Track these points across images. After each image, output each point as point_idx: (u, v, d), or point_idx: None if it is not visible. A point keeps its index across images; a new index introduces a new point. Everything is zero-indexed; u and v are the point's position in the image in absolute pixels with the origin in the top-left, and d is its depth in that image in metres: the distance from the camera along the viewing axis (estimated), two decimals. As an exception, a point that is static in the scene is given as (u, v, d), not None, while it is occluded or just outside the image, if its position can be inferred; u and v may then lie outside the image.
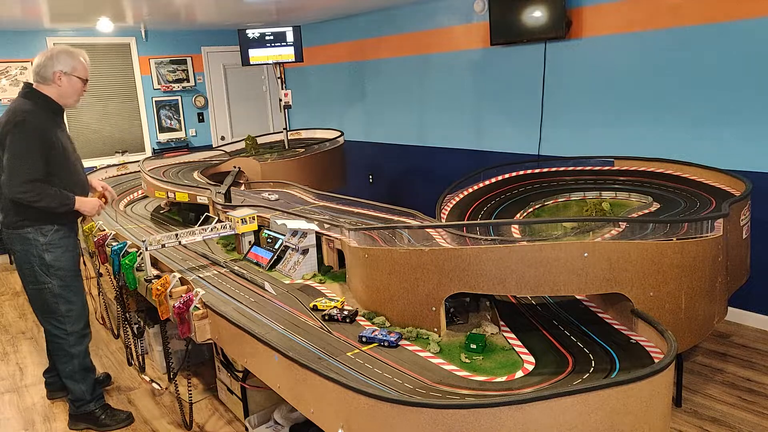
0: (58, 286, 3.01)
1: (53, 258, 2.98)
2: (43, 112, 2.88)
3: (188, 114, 7.78)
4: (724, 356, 3.61)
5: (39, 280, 2.99)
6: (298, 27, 5.96)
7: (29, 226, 2.93)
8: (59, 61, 2.90)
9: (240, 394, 3.07)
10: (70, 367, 3.13)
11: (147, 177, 4.28)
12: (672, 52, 4.18)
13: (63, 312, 3.06)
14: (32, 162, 2.77)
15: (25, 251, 2.96)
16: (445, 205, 3.48)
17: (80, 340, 3.14)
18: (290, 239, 2.96)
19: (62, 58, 2.90)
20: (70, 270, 3.06)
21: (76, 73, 2.94)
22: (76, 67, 2.94)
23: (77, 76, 2.95)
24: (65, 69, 2.91)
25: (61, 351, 3.12)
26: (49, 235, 2.96)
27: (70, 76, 2.93)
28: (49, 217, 2.93)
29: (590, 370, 1.90)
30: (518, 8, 4.93)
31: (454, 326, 2.26)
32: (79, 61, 2.96)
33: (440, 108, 6.14)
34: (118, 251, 3.20)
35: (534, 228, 2.70)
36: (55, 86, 2.92)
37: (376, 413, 1.67)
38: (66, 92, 2.95)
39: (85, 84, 3.02)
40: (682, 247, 2.21)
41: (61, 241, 3.01)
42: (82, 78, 2.98)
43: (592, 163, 4.03)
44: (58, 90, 2.93)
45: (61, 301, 3.04)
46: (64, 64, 2.90)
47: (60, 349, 3.12)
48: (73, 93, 2.98)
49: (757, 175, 3.78)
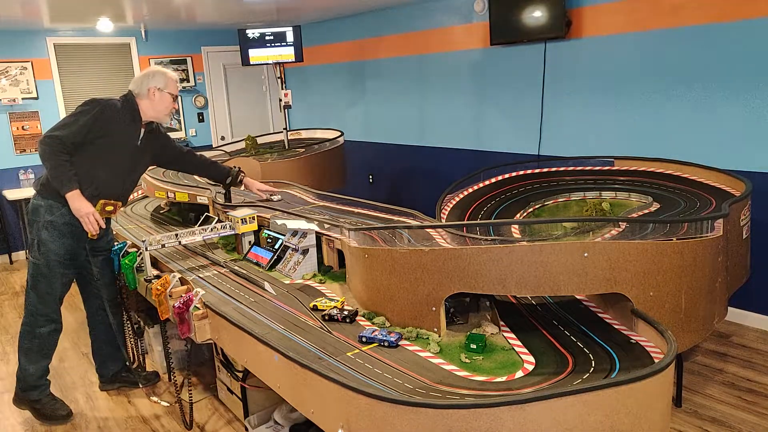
0: (43, 265, 3.05)
1: (48, 238, 3.01)
2: (123, 112, 3.04)
3: (188, 114, 7.78)
4: (724, 356, 3.61)
5: (33, 254, 3.07)
6: (298, 27, 5.96)
7: (43, 198, 3.01)
8: (154, 79, 3.12)
9: (240, 394, 3.07)
10: (30, 343, 3.17)
11: (147, 177, 4.28)
12: (672, 52, 4.18)
13: (41, 291, 3.10)
14: (73, 127, 2.89)
15: (32, 222, 3.05)
16: (445, 205, 3.48)
17: (47, 323, 3.16)
18: (290, 239, 2.96)
19: (157, 77, 3.13)
20: (59, 257, 3.06)
21: (168, 89, 3.13)
22: (168, 84, 3.14)
23: (168, 92, 3.14)
24: (159, 85, 3.11)
25: (28, 326, 3.16)
26: (55, 214, 2.99)
27: (163, 92, 3.12)
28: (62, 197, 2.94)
29: (590, 370, 1.90)
30: (518, 8, 4.93)
31: (454, 326, 2.26)
32: (170, 78, 3.16)
33: (440, 108, 6.14)
34: (118, 251, 3.21)
35: (534, 228, 2.70)
36: (148, 100, 3.11)
37: (376, 413, 1.67)
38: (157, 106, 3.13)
39: (174, 100, 3.20)
40: (682, 247, 2.21)
41: (64, 226, 3.01)
42: (173, 94, 3.17)
43: (592, 163, 4.03)
44: (151, 103, 3.11)
45: (42, 280, 3.08)
46: (158, 81, 3.12)
47: (29, 323, 3.16)
48: (164, 107, 3.16)
49: (757, 175, 3.78)
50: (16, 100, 6.51)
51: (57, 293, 3.14)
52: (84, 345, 4.29)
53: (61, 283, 3.14)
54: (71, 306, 4.98)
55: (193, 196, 3.79)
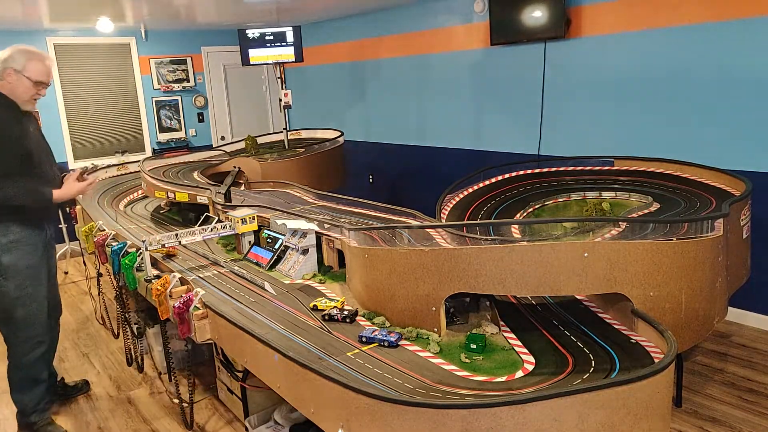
0: (13, 289, 2.88)
1: (11, 260, 2.85)
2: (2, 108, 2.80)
3: (188, 114, 7.78)
4: (724, 356, 3.61)
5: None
6: (298, 27, 5.96)
7: None
8: (12, 59, 2.81)
9: (240, 394, 3.07)
10: (18, 376, 3.02)
11: (147, 177, 4.28)
12: (671, 51, 4.18)
13: (18, 317, 2.92)
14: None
15: None
16: (445, 205, 3.47)
17: (34, 348, 3.01)
18: (290, 239, 2.96)
19: (15, 57, 2.82)
20: (29, 274, 2.92)
21: (26, 72, 2.82)
22: (27, 66, 2.82)
23: (27, 76, 2.83)
24: (16, 67, 2.81)
25: (12, 357, 3.00)
26: (9, 235, 2.84)
27: (20, 74, 2.82)
28: (13, 214, 2.82)
29: (590, 370, 1.90)
30: (518, 8, 4.93)
31: (454, 326, 2.26)
32: (34, 61, 2.84)
33: (440, 108, 6.14)
34: (118, 251, 3.20)
35: (534, 228, 2.70)
36: (5, 83, 2.82)
37: (376, 413, 1.67)
38: (15, 90, 2.83)
39: (36, 86, 2.87)
40: (682, 247, 2.20)
41: (22, 244, 2.88)
42: (32, 79, 2.84)
43: (592, 163, 4.03)
44: (9, 87, 2.82)
45: (18, 304, 2.90)
46: (16, 62, 2.81)
47: (12, 355, 3.00)
48: (23, 92, 2.84)
49: (757, 175, 3.78)
50: (16, 100, 6.50)
51: (39, 308, 2.99)
52: (84, 345, 4.30)
53: (42, 295, 3.00)
54: (71, 306, 4.99)
55: (193, 196, 3.79)
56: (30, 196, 2.81)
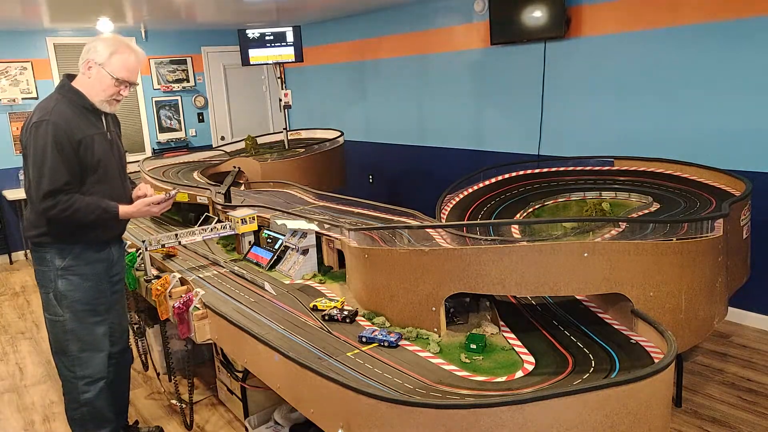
0: (70, 320, 2.51)
1: (68, 287, 2.48)
2: (71, 107, 2.39)
3: (188, 114, 7.78)
4: (724, 356, 3.61)
5: (52, 310, 2.52)
6: (298, 27, 5.96)
7: (47, 243, 2.45)
8: (94, 50, 2.40)
9: (240, 394, 3.07)
10: (78, 414, 2.64)
11: (147, 177, 4.28)
12: (671, 51, 4.18)
13: (74, 351, 2.55)
14: (53, 165, 2.30)
15: (41, 273, 2.50)
16: (445, 205, 3.47)
17: (92, 385, 2.61)
18: (290, 239, 2.96)
19: (99, 48, 2.39)
20: (87, 303, 2.53)
21: (107, 67, 2.40)
22: (110, 60, 2.39)
23: (108, 71, 2.40)
24: (97, 60, 2.39)
25: (69, 394, 2.62)
26: (68, 258, 2.46)
27: (101, 68, 2.40)
28: (70, 234, 2.44)
29: (590, 370, 1.90)
30: (518, 8, 4.93)
31: (454, 326, 2.26)
32: (118, 54, 2.40)
33: (440, 108, 6.14)
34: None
35: (534, 228, 2.70)
36: (84, 77, 2.43)
37: (376, 413, 1.67)
38: (93, 87, 2.42)
39: (118, 84, 2.43)
40: (682, 247, 2.20)
41: (82, 267, 2.50)
42: (114, 75, 2.41)
43: (592, 163, 4.03)
44: (87, 83, 2.42)
45: (72, 338, 2.53)
46: (98, 55, 2.39)
47: (69, 392, 2.62)
48: (100, 90, 2.42)
49: (757, 175, 3.78)
50: (16, 100, 6.51)
51: (96, 345, 2.59)
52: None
53: (101, 333, 2.60)
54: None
55: (193, 196, 3.79)
56: (91, 212, 2.39)
